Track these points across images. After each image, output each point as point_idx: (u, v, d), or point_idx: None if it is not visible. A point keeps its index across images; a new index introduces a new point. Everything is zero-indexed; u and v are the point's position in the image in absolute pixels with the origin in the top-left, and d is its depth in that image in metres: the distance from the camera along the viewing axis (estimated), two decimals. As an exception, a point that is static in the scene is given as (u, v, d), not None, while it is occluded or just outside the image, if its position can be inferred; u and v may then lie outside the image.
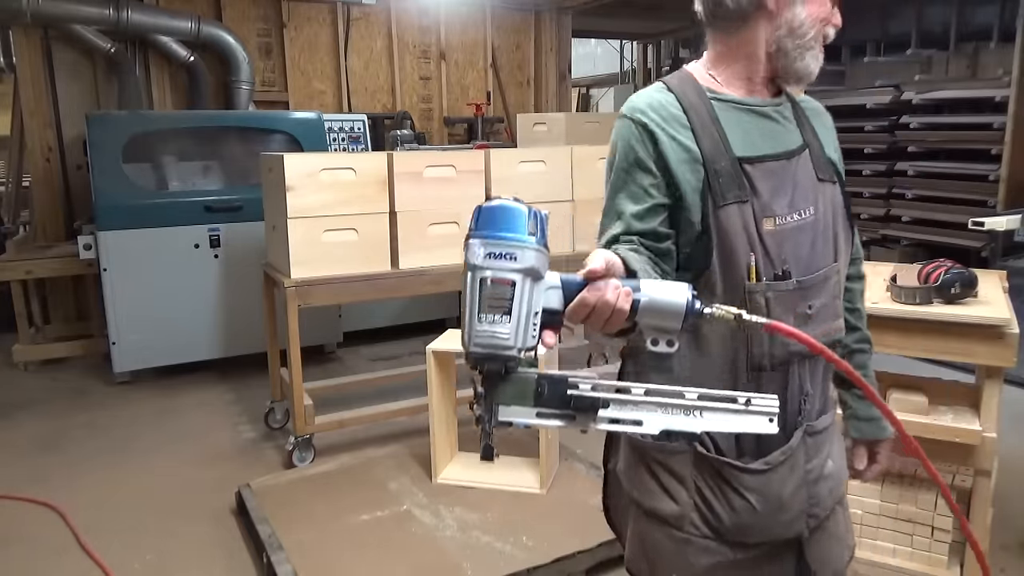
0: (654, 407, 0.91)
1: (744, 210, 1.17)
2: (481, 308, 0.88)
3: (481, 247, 0.89)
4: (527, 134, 4.91)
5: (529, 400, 0.91)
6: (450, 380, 2.99)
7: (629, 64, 12.24)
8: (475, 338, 0.88)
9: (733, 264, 1.16)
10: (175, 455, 3.44)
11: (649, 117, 1.20)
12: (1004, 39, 6.22)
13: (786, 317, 1.17)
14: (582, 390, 0.91)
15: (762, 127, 1.24)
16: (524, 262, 0.89)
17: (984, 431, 2.06)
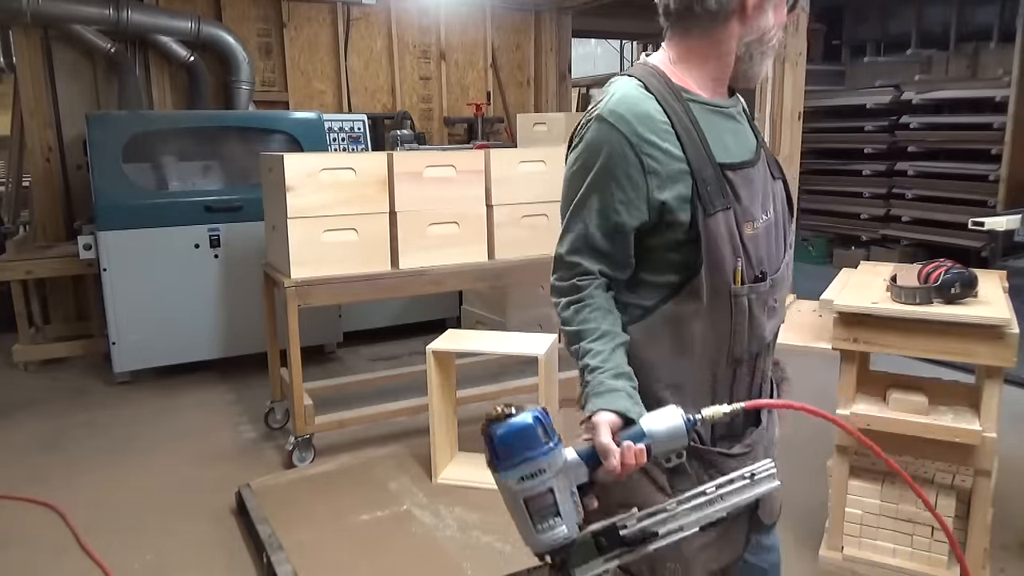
0: (689, 512, 1.07)
1: (728, 217, 1.21)
2: (534, 521, 1.01)
3: (512, 478, 1.01)
4: (527, 134, 4.91)
5: (594, 555, 1.06)
6: (450, 380, 2.99)
7: (629, 64, 12.25)
8: (541, 544, 1.02)
9: (720, 269, 1.21)
10: (175, 455, 3.44)
11: (636, 129, 1.20)
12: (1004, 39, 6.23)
13: (761, 313, 1.27)
14: (631, 527, 1.06)
15: (731, 130, 1.27)
16: (553, 468, 1.02)
17: (984, 431, 2.06)
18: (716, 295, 1.22)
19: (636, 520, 1.06)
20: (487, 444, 1.02)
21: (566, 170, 1.34)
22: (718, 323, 1.24)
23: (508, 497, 1.02)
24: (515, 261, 3.48)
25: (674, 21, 1.29)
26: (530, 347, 2.83)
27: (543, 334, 2.96)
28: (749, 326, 1.26)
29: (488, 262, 3.44)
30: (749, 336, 1.26)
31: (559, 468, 1.02)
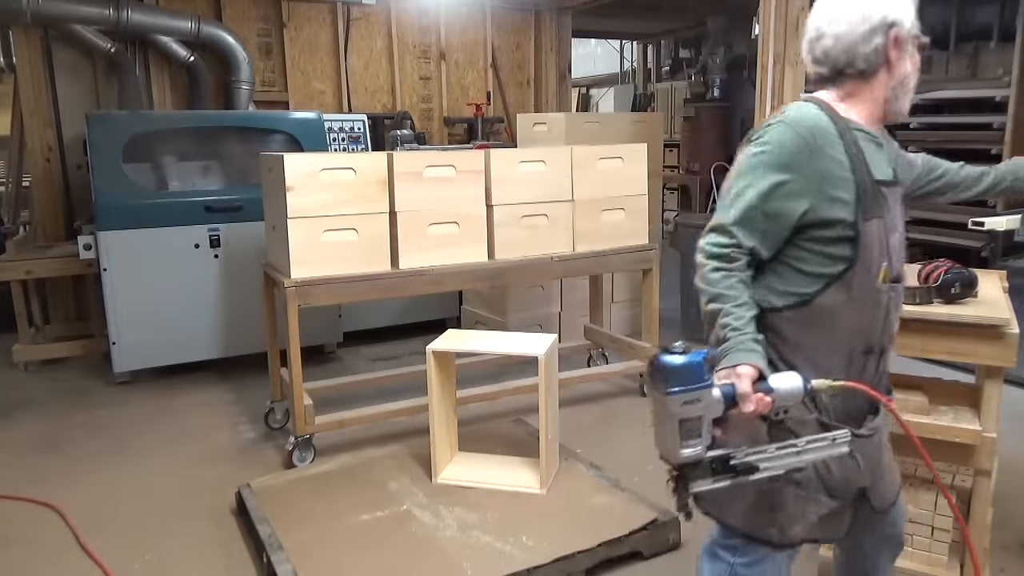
0: (781, 456, 1.38)
1: (880, 224, 1.46)
2: (682, 438, 1.30)
3: (678, 399, 1.27)
4: (527, 134, 4.91)
5: (708, 475, 1.35)
6: (450, 380, 2.99)
7: (629, 64, 12.25)
8: (679, 457, 1.32)
9: (869, 268, 1.45)
10: (175, 455, 3.44)
11: (815, 135, 1.44)
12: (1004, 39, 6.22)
13: (894, 313, 1.54)
14: (739, 459, 1.36)
15: (881, 156, 1.52)
16: (706, 400, 1.30)
17: (984, 431, 2.06)
18: (863, 290, 1.46)
19: (744, 455, 1.35)
20: (659, 369, 1.28)
21: (743, 157, 1.51)
22: (861, 315, 1.48)
23: (665, 416, 1.29)
24: (515, 261, 3.48)
25: (828, 79, 1.55)
26: (530, 347, 2.83)
27: (543, 334, 2.96)
28: (884, 321, 1.51)
29: (488, 262, 3.44)
30: (882, 330, 1.52)
31: (709, 401, 1.30)
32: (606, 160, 3.69)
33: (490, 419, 3.70)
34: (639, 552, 2.54)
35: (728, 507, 1.58)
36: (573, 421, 3.71)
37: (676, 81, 10.40)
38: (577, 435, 3.48)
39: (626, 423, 3.76)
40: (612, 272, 4.90)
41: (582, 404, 3.99)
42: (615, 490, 2.79)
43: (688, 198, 9.38)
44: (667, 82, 10.64)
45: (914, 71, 1.53)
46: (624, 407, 3.97)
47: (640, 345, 4.01)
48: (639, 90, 11.41)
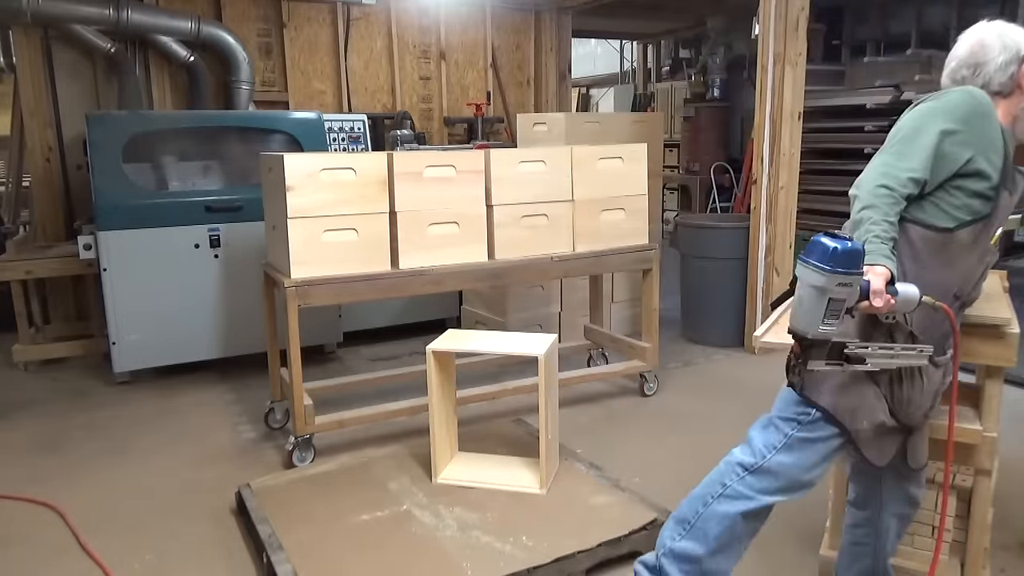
0: (880, 355, 1.59)
1: (1008, 197, 1.73)
2: (825, 315, 1.47)
3: (835, 278, 1.44)
4: (527, 134, 4.91)
5: (824, 356, 1.55)
6: (450, 380, 2.99)
7: (629, 64, 12.25)
8: (817, 332, 1.49)
9: (991, 228, 1.75)
10: (175, 455, 3.44)
11: (986, 106, 1.71)
12: (1004, 39, 6.21)
13: (982, 280, 1.82)
14: (852, 349, 1.57)
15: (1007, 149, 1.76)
16: (854, 286, 1.47)
17: (984, 431, 2.06)
18: (983, 243, 1.74)
19: (856, 346, 1.57)
20: (823, 249, 1.44)
21: (914, 111, 1.75)
22: (971, 262, 1.75)
23: (817, 292, 1.45)
24: (515, 261, 3.48)
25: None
26: (530, 347, 2.83)
27: (543, 334, 2.96)
28: (980, 277, 1.79)
29: (488, 262, 3.44)
30: (975, 284, 1.79)
31: (856, 289, 1.46)
32: (606, 160, 3.69)
33: (490, 419, 3.70)
34: (639, 552, 2.53)
35: (817, 385, 1.77)
36: (573, 421, 3.71)
37: (676, 81, 10.41)
38: (577, 435, 3.48)
39: (626, 423, 3.76)
40: (612, 272, 4.90)
41: (582, 404, 3.99)
42: (615, 490, 2.79)
43: (688, 198, 9.38)
44: (667, 82, 10.64)
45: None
46: (624, 407, 3.97)
47: (640, 345, 4.01)
48: (639, 90, 11.41)
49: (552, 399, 2.86)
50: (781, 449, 1.82)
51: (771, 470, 1.82)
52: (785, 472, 1.82)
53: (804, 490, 1.85)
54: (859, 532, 2.10)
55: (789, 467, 1.81)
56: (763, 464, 1.83)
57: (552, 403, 2.86)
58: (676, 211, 9.62)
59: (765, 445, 1.84)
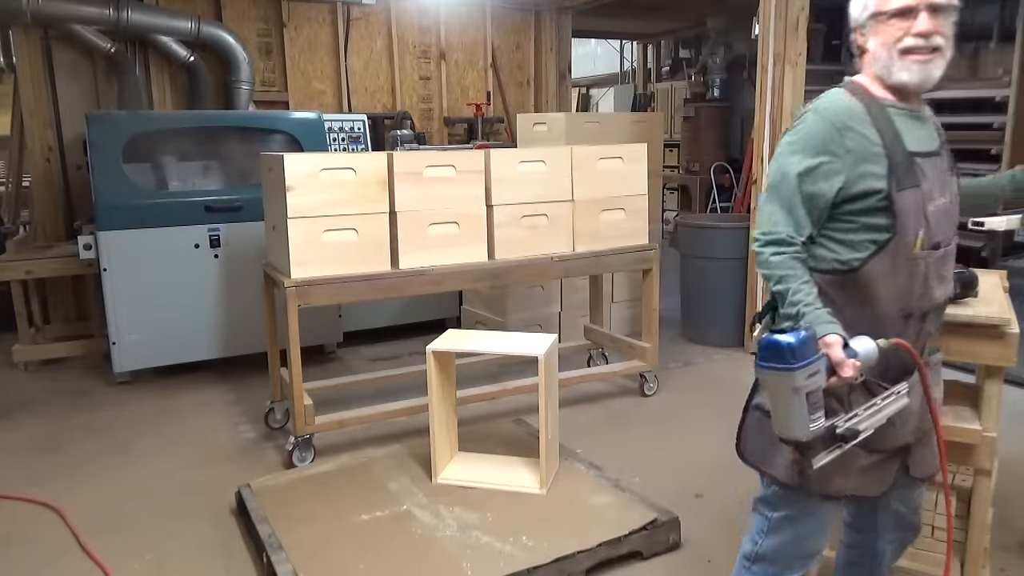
0: (869, 416, 1.49)
1: (916, 194, 1.53)
2: (810, 412, 1.37)
3: (804, 373, 1.34)
4: (527, 134, 4.91)
5: (821, 447, 1.43)
6: (450, 380, 2.99)
7: (629, 64, 12.25)
8: (808, 432, 1.38)
9: (906, 236, 1.53)
10: (175, 455, 3.44)
11: (839, 117, 1.55)
12: (1004, 39, 6.22)
13: (935, 279, 1.59)
14: (842, 427, 1.46)
15: (919, 129, 1.60)
16: (822, 370, 1.38)
17: (984, 431, 2.06)
18: (902, 258, 1.54)
19: (844, 421, 1.45)
20: (777, 349, 1.33)
21: (778, 149, 1.63)
22: (899, 282, 1.55)
23: (790, 393, 1.35)
24: (515, 261, 3.48)
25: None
26: (530, 347, 2.83)
27: (543, 334, 2.96)
28: (923, 287, 1.58)
29: (488, 262, 3.44)
30: (921, 295, 1.58)
31: (823, 371, 1.37)
32: (606, 160, 3.69)
33: (490, 419, 3.70)
34: (639, 552, 2.54)
35: (771, 459, 1.66)
36: (573, 421, 3.71)
37: (676, 81, 10.40)
38: (577, 435, 3.48)
39: (626, 423, 3.76)
40: (612, 272, 4.90)
41: (582, 404, 3.99)
42: (615, 490, 2.79)
43: (688, 198, 9.38)
44: (667, 82, 10.64)
45: (884, 46, 1.55)
46: (624, 407, 3.97)
47: (640, 345, 4.01)
48: (639, 90, 11.41)
49: (552, 399, 2.86)
50: (768, 533, 1.73)
51: (766, 556, 1.74)
52: (781, 555, 1.73)
53: (813, 559, 1.77)
54: (854, 553, 1.98)
55: (782, 549, 1.72)
56: (758, 551, 1.75)
57: (552, 403, 2.86)
58: (676, 211, 9.62)
59: (756, 531, 1.77)
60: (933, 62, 1.53)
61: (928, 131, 1.62)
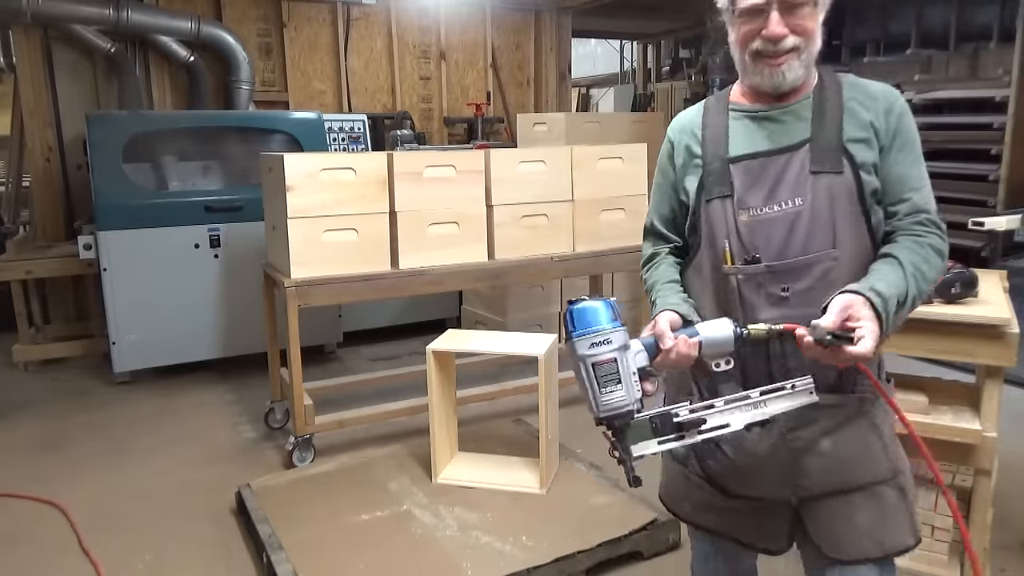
0: (734, 410, 1.25)
1: (726, 204, 1.39)
2: (600, 384, 1.22)
3: (584, 342, 1.22)
4: (527, 134, 4.91)
5: (649, 435, 1.25)
6: (450, 380, 2.99)
7: (629, 64, 12.25)
8: (603, 407, 1.23)
9: (715, 250, 1.41)
10: (175, 455, 3.44)
11: (674, 131, 1.52)
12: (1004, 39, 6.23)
13: (756, 297, 1.37)
14: (683, 416, 1.24)
15: (764, 130, 1.41)
16: (617, 342, 1.22)
17: (984, 431, 2.06)
18: (714, 272, 1.42)
19: (688, 411, 1.24)
20: (566, 318, 1.24)
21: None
22: (717, 297, 1.43)
23: (579, 363, 1.23)
24: (515, 261, 3.48)
25: None
26: (530, 347, 2.83)
27: (543, 334, 2.96)
28: (741, 306, 1.39)
29: (488, 262, 3.43)
30: (744, 316, 1.37)
31: (622, 343, 1.22)
32: (606, 160, 3.69)
33: (490, 419, 3.69)
34: (639, 552, 2.54)
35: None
36: (573, 421, 3.70)
37: (676, 81, 10.40)
38: (577, 435, 3.48)
39: (626, 423, 3.76)
40: (612, 272, 4.90)
41: (582, 404, 3.97)
42: (615, 490, 2.79)
43: (688, 198, 9.37)
44: (667, 82, 10.64)
45: (737, 44, 1.38)
46: (624, 407, 3.97)
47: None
48: (639, 90, 11.41)
49: (552, 399, 2.86)
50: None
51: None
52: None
53: None
54: None
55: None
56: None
57: (552, 403, 2.86)
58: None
59: None
60: (787, 64, 1.34)
61: (774, 128, 1.40)
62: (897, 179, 1.36)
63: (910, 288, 1.26)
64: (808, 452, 1.40)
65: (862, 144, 1.35)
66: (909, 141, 1.37)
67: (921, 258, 1.31)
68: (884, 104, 1.37)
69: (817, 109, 1.38)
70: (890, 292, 1.23)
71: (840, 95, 1.38)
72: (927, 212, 1.36)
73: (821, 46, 1.37)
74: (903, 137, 1.37)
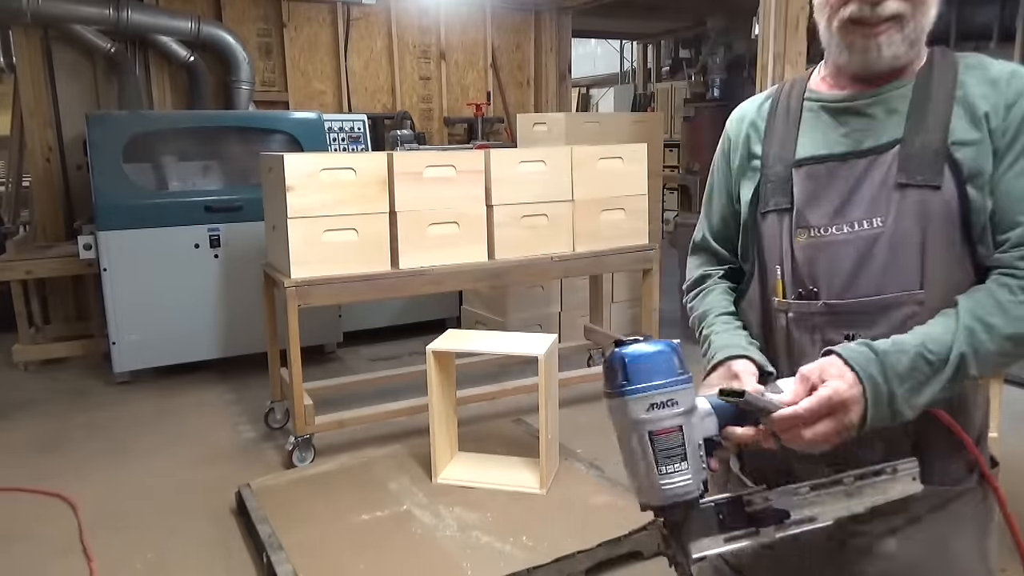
0: (824, 499, 0.94)
1: (783, 220, 1.10)
2: (658, 461, 0.89)
3: (642, 402, 0.89)
4: (527, 134, 4.91)
5: (715, 529, 0.93)
6: (450, 380, 2.99)
7: (629, 64, 12.25)
8: (662, 495, 0.89)
9: (766, 278, 1.12)
10: (175, 455, 3.44)
11: (733, 122, 1.25)
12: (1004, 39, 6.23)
13: (810, 345, 1.06)
14: (759, 504, 0.93)
15: (844, 126, 1.09)
16: (685, 404, 0.90)
17: (984, 431, 2.06)
18: (765, 308, 1.13)
19: (764, 499, 0.93)
20: (613, 367, 0.90)
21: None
22: (767, 337, 1.14)
23: (630, 430, 0.90)
24: (515, 261, 3.48)
25: None
26: (530, 347, 2.83)
27: (543, 334, 2.96)
28: (787, 349, 1.10)
29: (488, 262, 3.43)
30: (788, 361, 1.08)
31: (690, 406, 0.90)
32: (606, 160, 3.69)
33: (490, 419, 3.69)
34: (639, 552, 2.53)
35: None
36: (573, 421, 3.71)
37: (676, 81, 10.41)
38: (577, 435, 3.48)
39: (626, 423, 3.76)
40: (612, 272, 4.90)
41: (582, 404, 3.99)
42: (615, 490, 2.79)
43: (688, 198, 9.37)
44: (667, 82, 10.64)
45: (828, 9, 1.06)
46: (624, 407, 3.97)
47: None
48: (639, 90, 11.41)
49: (552, 399, 2.86)
50: None
51: None
52: None
53: None
54: None
55: None
56: None
57: (552, 403, 2.86)
58: (676, 211, 9.62)
59: None
60: (886, 35, 1.01)
61: (868, 124, 1.07)
62: (1008, 196, 0.99)
63: (957, 344, 0.92)
64: (866, 552, 1.06)
65: (972, 148, 1.00)
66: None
67: (994, 304, 0.94)
68: (1007, 92, 1.01)
69: (918, 99, 1.04)
70: (897, 349, 0.92)
71: (953, 82, 1.03)
72: None
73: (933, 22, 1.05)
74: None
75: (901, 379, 0.92)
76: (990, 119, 1.00)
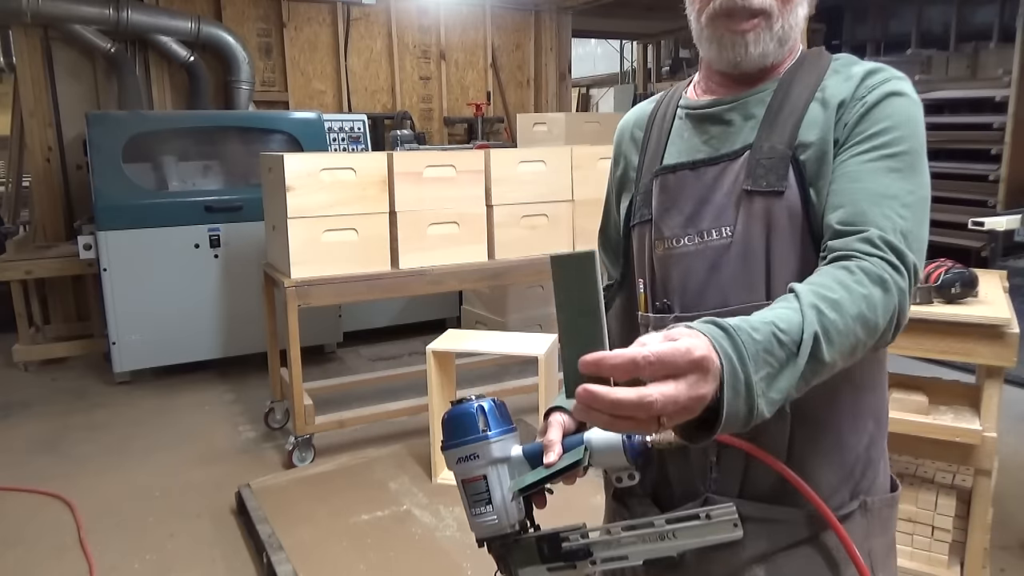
0: (634, 541, 0.98)
1: (644, 231, 1.06)
2: (470, 504, 1.02)
3: (451, 455, 1.02)
4: (527, 134, 4.91)
5: (537, 560, 1.03)
6: (450, 380, 2.99)
7: (629, 64, 12.24)
8: (476, 528, 1.03)
9: (634, 292, 1.08)
10: (175, 455, 3.44)
11: (616, 135, 1.21)
12: (1004, 39, 6.23)
13: None
14: (572, 542, 1.02)
15: (704, 133, 1.05)
16: (487, 457, 1.02)
17: (984, 431, 2.06)
18: (629, 320, 1.10)
19: (580, 536, 1.01)
20: (442, 425, 1.04)
21: None
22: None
23: (455, 479, 1.04)
24: (515, 261, 3.48)
25: None
26: (530, 347, 2.83)
27: (543, 334, 2.96)
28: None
29: (488, 262, 3.44)
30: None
31: (493, 458, 1.02)
32: (606, 160, 3.68)
33: (490, 419, 3.69)
34: (639, 552, 2.53)
35: None
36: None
37: (676, 81, 10.39)
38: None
39: (626, 423, 3.76)
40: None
41: (582, 404, 3.99)
42: (615, 490, 2.79)
43: (688, 198, 9.37)
44: (667, 82, 10.64)
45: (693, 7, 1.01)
46: (624, 407, 3.96)
47: (640, 345, 4.01)
48: (639, 90, 11.41)
49: (552, 399, 2.86)
50: None
51: None
52: None
53: None
54: None
55: None
56: None
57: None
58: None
59: None
60: (751, 33, 0.97)
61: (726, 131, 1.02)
62: (844, 179, 0.93)
63: (808, 324, 0.77)
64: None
65: (814, 148, 0.95)
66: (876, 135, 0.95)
67: (836, 282, 0.83)
68: (860, 87, 0.99)
69: (775, 103, 0.99)
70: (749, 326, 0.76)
71: (817, 83, 1.00)
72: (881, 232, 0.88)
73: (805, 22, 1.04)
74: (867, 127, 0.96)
75: (756, 364, 0.74)
76: (840, 112, 0.97)
